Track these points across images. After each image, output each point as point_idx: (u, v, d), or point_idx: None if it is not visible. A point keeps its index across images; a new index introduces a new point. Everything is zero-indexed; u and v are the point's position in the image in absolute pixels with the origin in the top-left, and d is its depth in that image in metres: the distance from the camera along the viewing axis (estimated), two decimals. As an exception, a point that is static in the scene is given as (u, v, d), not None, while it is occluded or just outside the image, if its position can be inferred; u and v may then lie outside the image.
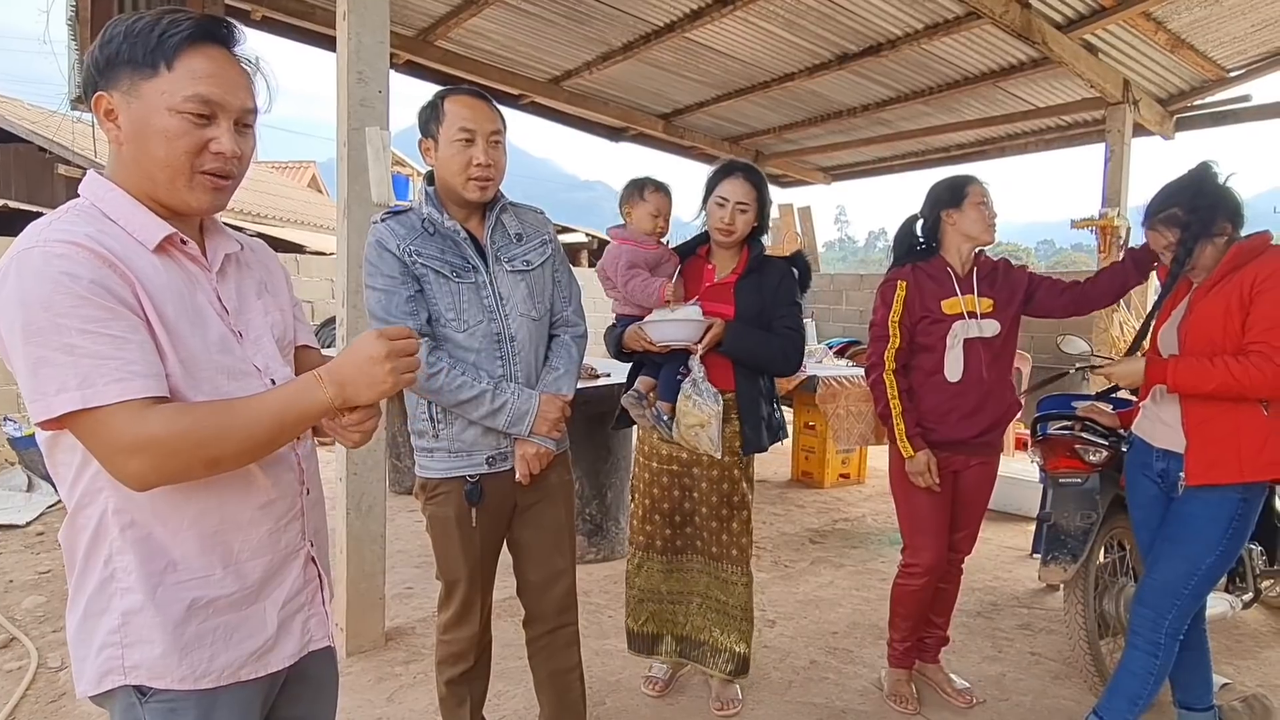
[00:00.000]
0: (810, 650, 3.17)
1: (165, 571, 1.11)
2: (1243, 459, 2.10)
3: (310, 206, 14.05)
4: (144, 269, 1.07)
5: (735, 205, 2.47)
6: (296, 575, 1.25)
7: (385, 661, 2.97)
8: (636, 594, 2.71)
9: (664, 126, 7.81)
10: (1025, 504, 4.95)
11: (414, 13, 5.55)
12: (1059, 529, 2.70)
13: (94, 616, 1.11)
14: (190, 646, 1.12)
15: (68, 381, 0.98)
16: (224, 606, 1.15)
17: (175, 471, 1.04)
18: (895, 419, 2.54)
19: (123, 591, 1.10)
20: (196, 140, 1.09)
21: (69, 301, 0.98)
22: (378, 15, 2.86)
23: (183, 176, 1.10)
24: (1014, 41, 5.25)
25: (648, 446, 2.65)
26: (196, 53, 1.09)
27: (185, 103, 1.08)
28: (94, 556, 1.11)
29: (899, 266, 2.66)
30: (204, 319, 1.13)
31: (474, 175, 1.89)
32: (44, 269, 0.99)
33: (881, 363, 2.58)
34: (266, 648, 1.20)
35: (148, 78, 1.08)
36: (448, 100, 1.92)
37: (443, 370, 1.88)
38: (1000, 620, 3.49)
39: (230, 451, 1.06)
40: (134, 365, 1.01)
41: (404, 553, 4.09)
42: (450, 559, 2.06)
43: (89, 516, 1.10)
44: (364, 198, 2.86)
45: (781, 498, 5.53)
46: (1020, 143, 7.68)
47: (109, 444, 1.00)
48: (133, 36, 1.08)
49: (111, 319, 1.00)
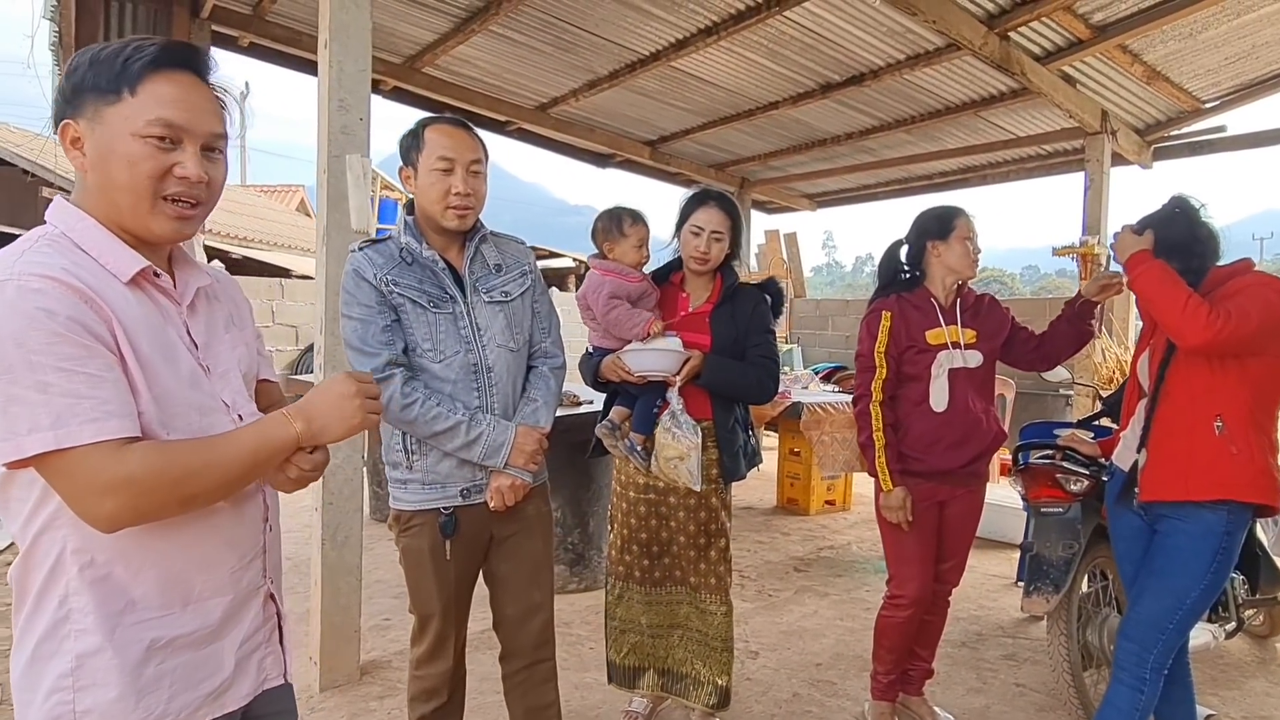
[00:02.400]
0: (793, 682, 3.12)
1: (124, 611, 1.07)
2: (1190, 478, 2.11)
3: (298, 230, 14.03)
4: (118, 302, 1.05)
5: (710, 234, 2.47)
6: (256, 613, 1.23)
7: (360, 696, 2.90)
8: (618, 625, 2.67)
9: (650, 153, 7.88)
10: (1010, 531, 4.93)
11: (401, 40, 5.59)
12: (1041, 559, 2.69)
13: (43, 660, 1.06)
14: (147, 689, 1.08)
15: (40, 420, 0.95)
16: (183, 646, 1.12)
17: (149, 511, 1.02)
18: (878, 452, 2.53)
19: (78, 634, 1.05)
20: (160, 165, 1.08)
21: (44, 338, 0.96)
22: (359, 43, 2.87)
23: (145, 202, 1.08)
24: (994, 72, 5.34)
25: (625, 475, 2.62)
26: (161, 78, 1.08)
27: (148, 126, 1.07)
28: (47, 596, 1.06)
29: (884, 295, 2.66)
30: (175, 354, 1.12)
31: (453, 204, 1.89)
32: (18, 303, 0.96)
33: (869, 393, 2.56)
34: (223, 688, 1.17)
35: (111, 103, 1.07)
36: (428, 129, 1.92)
37: (417, 401, 1.85)
38: (985, 650, 3.46)
39: (206, 489, 1.06)
40: (109, 405, 0.99)
41: (382, 583, 4.02)
42: (424, 592, 2.02)
43: (44, 554, 1.06)
44: (344, 225, 2.85)
45: (766, 525, 5.49)
46: (1002, 170, 7.78)
47: (82, 485, 0.98)
48: (97, 64, 1.08)
49: (87, 357, 0.98)
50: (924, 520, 2.56)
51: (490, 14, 4.97)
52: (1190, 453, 2.12)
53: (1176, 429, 2.15)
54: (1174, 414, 2.16)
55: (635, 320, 2.45)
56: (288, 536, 5.31)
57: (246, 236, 10.77)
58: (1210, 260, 2.20)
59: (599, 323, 2.54)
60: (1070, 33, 4.90)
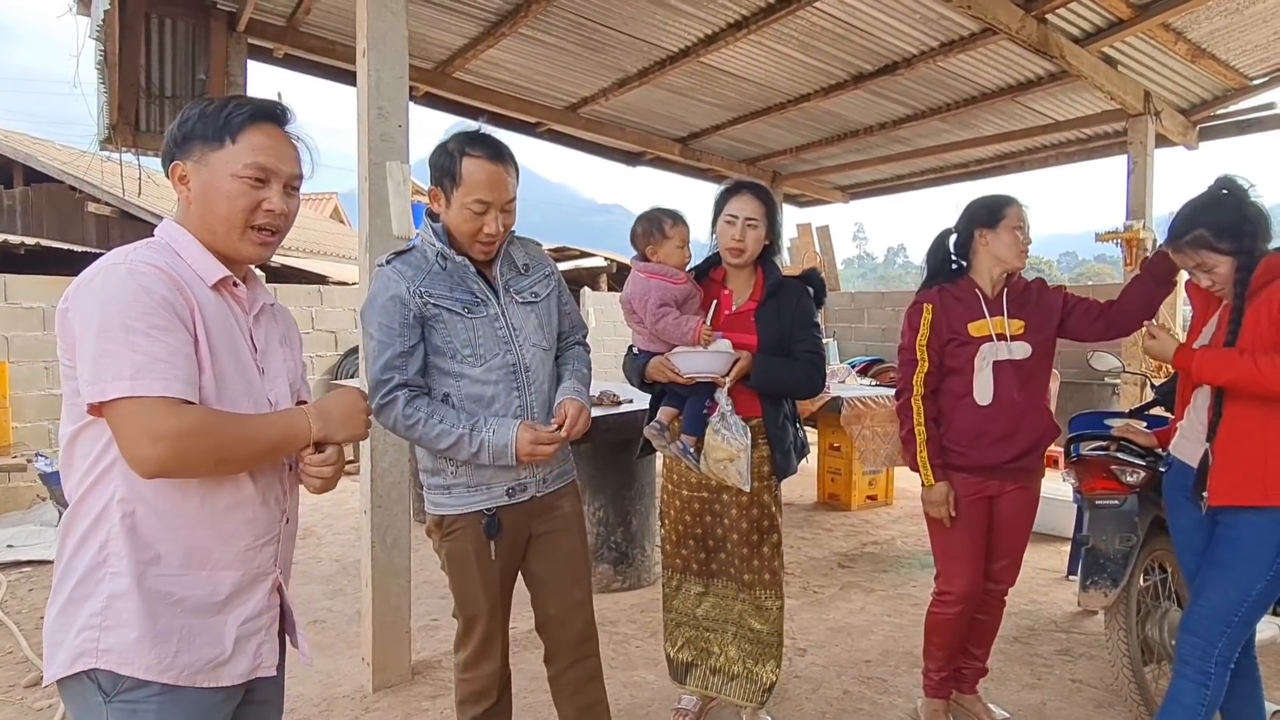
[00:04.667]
0: (843, 680, 3.09)
1: (151, 562, 1.23)
2: (1268, 482, 2.03)
3: (332, 237, 14.23)
4: (202, 298, 1.28)
5: (745, 221, 2.45)
6: (260, 598, 1.36)
7: (412, 696, 2.94)
8: (674, 617, 2.69)
9: (681, 150, 7.84)
10: (1059, 524, 4.84)
11: (432, 46, 5.63)
12: (1097, 552, 2.63)
13: (78, 601, 1.22)
14: (160, 638, 1.23)
15: (123, 372, 1.15)
16: (191, 609, 1.27)
17: (190, 462, 1.19)
18: (919, 446, 2.50)
19: (112, 575, 1.21)
20: (252, 200, 1.32)
21: (141, 309, 1.18)
22: (396, 51, 2.90)
23: (237, 230, 1.33)
24: (1031, 56, 5.22)
25: (676, 475, 2.63)
26: (255, 129, 1.33)
27: (245, 169, 1.31)
28: (90, 541, 1.23)
29: (928, 286, 2.62)
30: (239, 350, 1.33)
31: (482, 241, 1.90)
32: (127, 280, 1.19)
33: (910, 387, 2.53)
34: (221, 660, 1.30)
35: (215, 149, 1.31)
36: (466, 160, 1.86)
37: (420, 420, 1.86)
38: (1038, 646, 3.40)
39: (237, 456, 1.26)
40: (178, 370, 1.19)
41: (428, 584, 4.06)
42: (470, 594, 2.03)
43: (94, 503, 1.23)
44: (385, 231, 2.88)
45: (808, 521, 5.46)
46: (1040, 156, 7.61)
47: (139, 429, 1.15)
48: (205, 117, 1.32)
49: (170, 330, 1.20)
50: (971, 516, 2.52)
51: (519, 16, 4.98)
52: (1266, 454, 2.03)
53: (1249, 429, 2.06)
54: (1244, 413, 2.07)
55: (685, 328, 2.44)
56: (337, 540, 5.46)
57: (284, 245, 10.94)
58: (1262, 241, 2.12)
59: (648, 329, 2.52)
60: (1111, 12, 4.78)
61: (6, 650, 3.36)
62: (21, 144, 10.07)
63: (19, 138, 10.38)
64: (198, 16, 5.02)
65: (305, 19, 5.24)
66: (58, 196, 10.28)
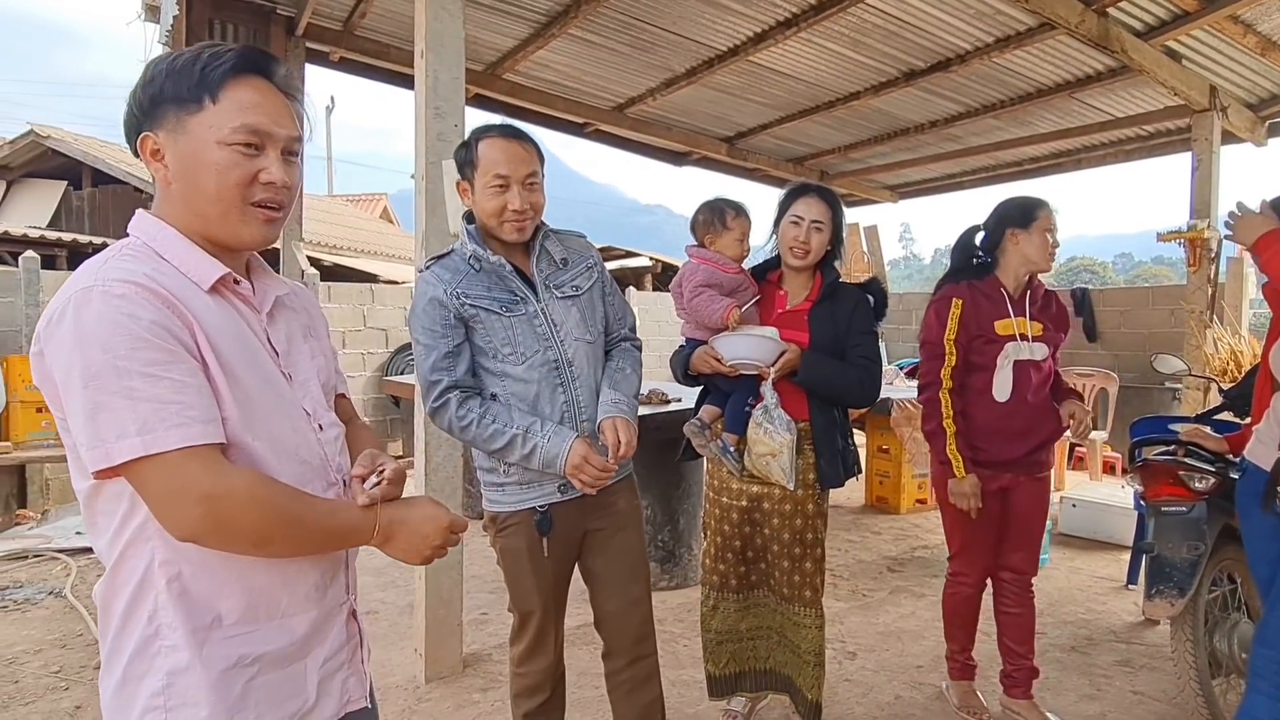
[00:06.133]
0: (894, 685, 3.05)
1: (211, 627, 1.05)
2: None
3: (382, 237, 14.50)
4: (200, 309, 1.04)
5: (811, 224, 2.40)
6: (339, 631, 1.20)
7: (463, 688, 2.98)
8: (714, 637, 2.60)
9: (727, 149, 7.82)
10: (1117, 531, 4.71)
11: (483, 48, 5.70)
12: (1163, 561, 2.55)
13: (134, 680, 1.04)
14: (236, 708, 1.06)
15: (127, 427, 0.94)
16: (269, 664, 1.09)
17: (227, 535, 1.00)
18: (949, 439, 2.53)
19: (168, 650, 1.03)
20: (247, 172, 1.07)
21: (129, 344, 0.95)
22: (454, 52, 2.94)
23: (235, 210, 1.08)
24: (1091, 51, 5.10)
25: (717, 481, 2.55)
26: (241, 84, 1.07)
27: (234, 134, 1.06)
28: (135, 613, 1.04)
29: (954, 281, 2.64)
30: (257, 360, 1.11)
31: (509, 220, 1.88)
32: (104, 309, 0.95)
33: (938, 380, 2.56)
34: (306, 709, 1.14)
35: (193, 112, 1.06)
36: (481, 143, 1.89)
37: (472, 422, 1.87)
38: (1096, 656, 3.31)
39: (285, 539, 1.05)
40: (193, 410, 0.97)
41: (478, 578, 4.12)
42: (523, 590, 2.05)
43: (132, 569, 1.04)
44: (442, 229, 2.92)
45: (856, 524, 5.39)
46: (1099, 154, 7.42)
47: (171, 491, 0.96)
48: (175, 73, 1.06)
49: (171, 362, 0.97)
50: (988, 508, 2.57)
51: (569, 17, 5.03)
52: None
53: None
54: None
55: (715, 306, 2.39)
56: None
57: (336, 244, 11.20)
58: None
59: (684, 307, 2.50)
60: (1175, 5, 4.64)
61: (76, 633, 3.50)
62: (90, 147, 10.45)
63: (88, 141, 10.77)
64: (259, 21, 5.17)
65: (361, 23, 5.36)
66: (124, 198, 10.64)
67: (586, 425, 1.96)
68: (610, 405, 1.96)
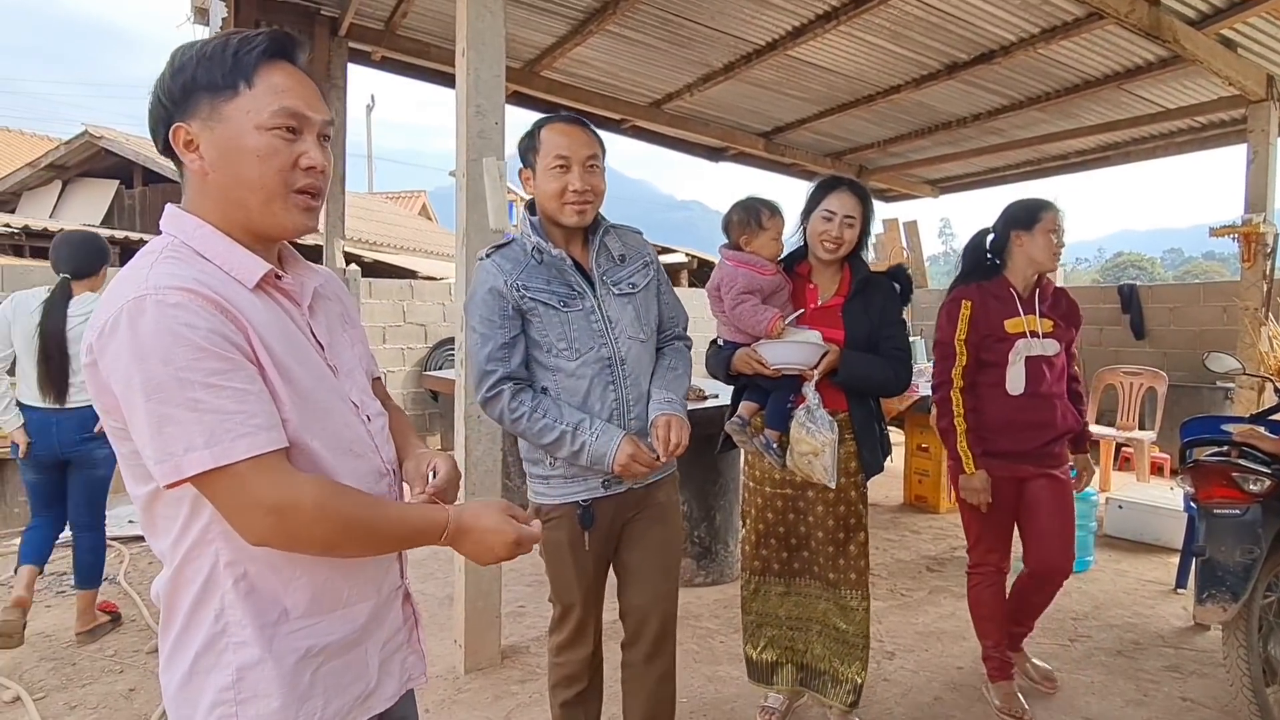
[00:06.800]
0: (934, 686, 3.02)
1: (279, 621, 1.07)
2: None
3: (421, 234, 14.69)
4: (249, 310, 1.03)
5: (843, 219, 2.42)
6: (395, 614, 1.24)
7: (502, 680, 3.01)
8: (754, 619, 2.66)
9: (764, 145, 7.77)
10: (1165, 534, 4.59)
11: (521, 45, 5.74)
12: (1215, 565, 2.48)
13: (202, 674, 1.05)
14: (304, 697, 1.08)
15: (194, 440, 0.93)
16: (334, 652, 1.12)
17: (299, 540, 1.01)
18: (959, 436, 2.64)
19: (236, 646, 1.04)
20: (288, 157, 1.06)
21: (189, 354, 0.94)
22: (495, 50, 2.97)
23: (278, 198, 1.07)
24: (1141, 41, 4.95)
25: (759, 471, 2.60)
26: (274, 68, 1.06)
27: (273, 117, 1.04)
28: (201, 611, 1.05)
29: (965, 283, 2.76)
30: (306, 356, 1.10)
31: (570, 201, 1.90)
32: (159, 319, 0.93)
33: (949, 380, 2.68)
34: (369, 690, 1.17)
35: (229, 99, 1.04)
36: (544, 129, 1.94)
37: (524, 415, 1.89)
38: (1144, 661, 3.23)
39: (355, 542, 1.05)
40: (257, 418, 0.97)
41: (516, 571, 4.16)
42: (564, 582, 2.07)
43: (196, 570, 1.05)
44: (482, 225, 2.96)
45: (894, 523, 5.33)
46: (1148, 147, 7.22)
47: (243, 500, 0.97)
48: (206, 60, 1.04)
49: (232, 370, 0.97)
50: (1000, 497, 2.67)
51: (607, 14, 5.03)
52: None
53: None
54: None
55: (761, 317, 2.42)
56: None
57: (377, 241, 11.37)
58: None
59: (727, 316, 2.52)
60: (1232, -8, 4.49)
61: (130, 617, 3.61)
62: (141, 147, 10.72)
63: (139, 141, 11.05)
64: (304, 22, 5.26)
65: (402, 22, 5.43)
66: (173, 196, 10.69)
67: (635, 424, 1.97)
68: (663, 404, 1.97)
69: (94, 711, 2.79)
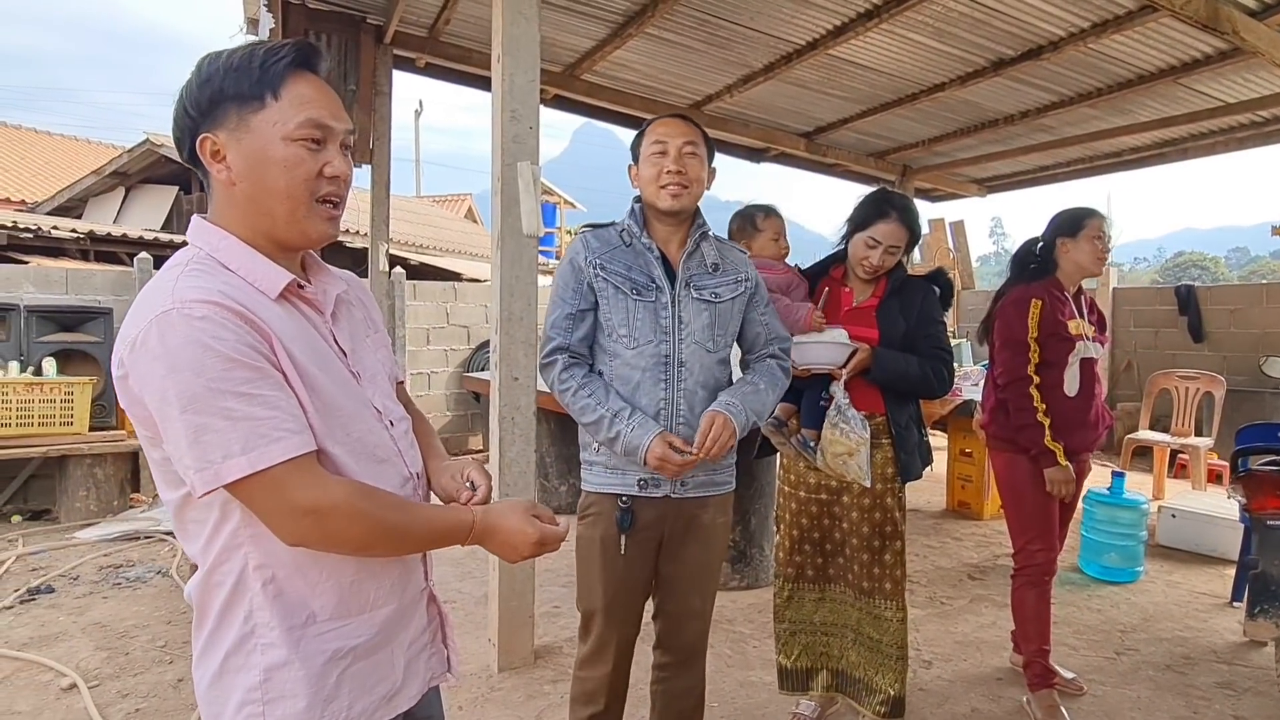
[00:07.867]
0: (971, 696, 2.96)
1: (306, 624, 1.09)
2: None
3: (467, 236, 14.90)
4: (273, 320, 1.05)
5: (887, 249, 2.42)
6: (420, 615, 1.26)
7: (534, 679, 3.04)
8: (788, 627, 2.62)
9: (806, 145, 7.69)
10: (1221, 544, 4.43)
11: (561, 49, 5.78)
12: (1267, 578, 2.39)
13: (231, 674, 1.08)
14: (330, 698, 1.10)
15: (231, 447, 0.96)
16: (360, 654, 1.14)
17: (334, 542, 1.05)
18: (1046, 431, 2.65)
19: (264, 647, 1.07)
20: (313, 167, 1.09)
21: (220, 366, 0.96)
22: (529, 56, 3.00)
23: (303, 206, 1.10)
24: (1198, 33, 4.78)
25: (794, 475, 2.58)
26: (299, 79, 1.09)
27: (299, 129, 1.07)
28: (232, 613, 1.08)
29: (1023, 284, 2.80)
30: (329, 364, 1.13)
31: (664, 183, 1.93)
32: (188, 333, 0.96)
33: (1026, 376, 2.69)
34: (394, 690, 1.19)
35: (256, 110, 1.07)
36: (650, 124, 2.02)
37: (570, 389, 1.93)
38: (1195, 676, 3.12)
39: (385, 546, 1.10)
40: (289, 423, 1.00)
41: (551, 571, 4.19)
42: (588, 585, 2.05)
43: (226, 573, 1.08)
44: (516, 229, 2.99)
45: (936, 529, 5.24)
46: (1207, 143, 6.96)
47: (280, 504, 1.00)
48: (233, 71, 1.07)
49: (261, 378, 0.99)
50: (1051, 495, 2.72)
51: (647, 16, 5.04)
52: None
53: None
54: None
55: (796, 314, 2.41)
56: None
57: (422, 244, 11.57)
58: None
59: None
60: (1295, -19, 4.31)
61: (180, 610, 3.74)
62: (197, 154, 11.09)
63: (195, 148, 11.42)
64: (350, 31, 5.38)
65: (445, 29, 5.51)
66: None
67: (682, 429, 1.92)
68: (721, 404, 1.92)
69: (144, 700, 2.89)
